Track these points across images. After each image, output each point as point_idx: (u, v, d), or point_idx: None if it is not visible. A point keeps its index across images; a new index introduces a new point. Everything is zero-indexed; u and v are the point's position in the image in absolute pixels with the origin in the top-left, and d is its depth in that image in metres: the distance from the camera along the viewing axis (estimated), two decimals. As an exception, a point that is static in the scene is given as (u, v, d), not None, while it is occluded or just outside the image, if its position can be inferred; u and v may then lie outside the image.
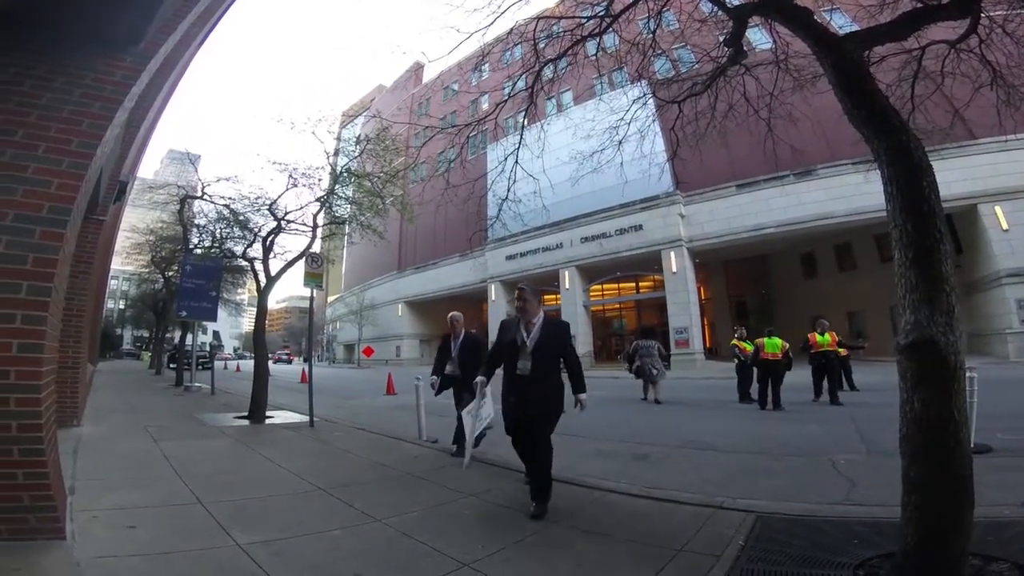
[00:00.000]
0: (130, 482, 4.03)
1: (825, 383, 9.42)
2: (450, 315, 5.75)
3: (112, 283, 39.03)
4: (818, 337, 9.69)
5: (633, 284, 30.93)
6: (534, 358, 3.61)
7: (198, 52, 5.87)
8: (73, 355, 6.51)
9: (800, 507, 3.40)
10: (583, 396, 3.70)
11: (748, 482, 4.24)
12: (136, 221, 19.41)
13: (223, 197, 11.26)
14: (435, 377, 5.60)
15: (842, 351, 9.97)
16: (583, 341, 27.30)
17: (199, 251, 13.89)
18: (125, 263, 24.03)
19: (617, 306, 33.69)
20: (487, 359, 4.06)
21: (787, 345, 9.41)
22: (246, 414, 8.10)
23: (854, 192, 18.82)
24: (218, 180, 11.42)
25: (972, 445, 2.22)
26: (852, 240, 24.32)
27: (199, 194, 12.01)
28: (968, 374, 2.77)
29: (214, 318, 14.52)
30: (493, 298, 32.29)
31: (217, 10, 4.81)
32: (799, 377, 9.63)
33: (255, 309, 9.63)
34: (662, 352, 11.29)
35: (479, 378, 3.84)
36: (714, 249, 25.90)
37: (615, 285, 31.29)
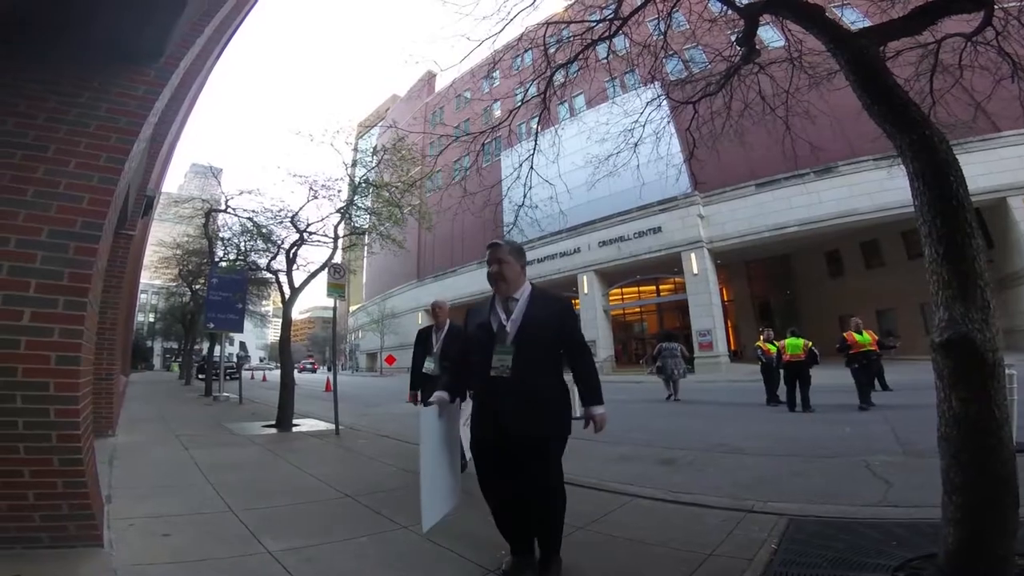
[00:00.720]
0: (164, 490, 4.13)
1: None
2: (433, 301, 5.00)
3: (142, 297, 40.17)
4: (857, 336, 9.05)
5: (653, 287, 30.63)
6: (517, 350, 2.40)
7: (216, 64, 6.03)
8: (107, 367, 6.71)
9: (834, 509, 3.31)
10: (599, 410, 2.43)
11: (779, 485, 4.15)
12: (163, 235, 19.96)
13: (246, 210, 11.48)
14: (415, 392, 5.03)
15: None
16: (604, 346, 27.11)
17: (224, 264, 14.20)
18: (154, 276, 24.69)
19: (638, 309, 33.35)
20: (452, 361, 2.88)
21: (809, 343, 9.19)
22: (273, 422, 8.23)
23: (877, 188, 18.40)
24: (241, 193, 11.64)
25: (1014, 444, 2.14)
26: (878, 237, 23.72)
27: (223, 207, 12.26)
28: (1007, 371, 2.67)
29: (240, 329, 14.83)
30: (511, 304, 32.18)
31: (234, 22, 4.92)
32: (831, 379, 9.38)
33: (280, 320, 9.79)
34: (684, 354, 12.46)
35: (437, 394, 2.55)
36: (735, 249, 25.48)
37: (635, 289, 31.02)
